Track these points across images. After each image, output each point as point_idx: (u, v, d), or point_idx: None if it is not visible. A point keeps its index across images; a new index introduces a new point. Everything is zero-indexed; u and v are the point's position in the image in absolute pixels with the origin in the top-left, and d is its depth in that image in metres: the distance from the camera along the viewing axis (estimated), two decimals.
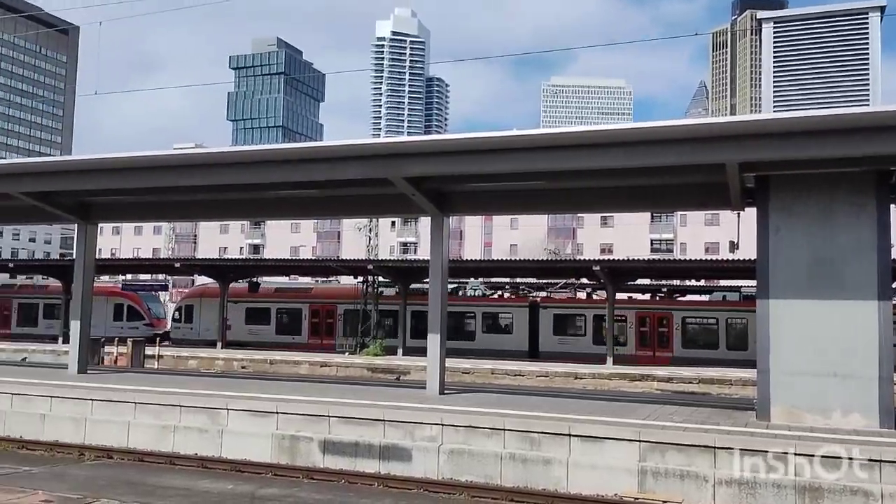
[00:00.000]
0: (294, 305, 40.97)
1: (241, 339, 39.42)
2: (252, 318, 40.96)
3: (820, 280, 12.85)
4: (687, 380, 27.01)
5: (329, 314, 40.28)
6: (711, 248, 70.14)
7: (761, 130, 11.89)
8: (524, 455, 11.73)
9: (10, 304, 45.78)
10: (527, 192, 16.10)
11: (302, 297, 41.67)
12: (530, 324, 36.70)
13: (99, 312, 40.85)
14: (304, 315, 40.55)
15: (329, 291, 43.10)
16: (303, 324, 40.35)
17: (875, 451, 10.10)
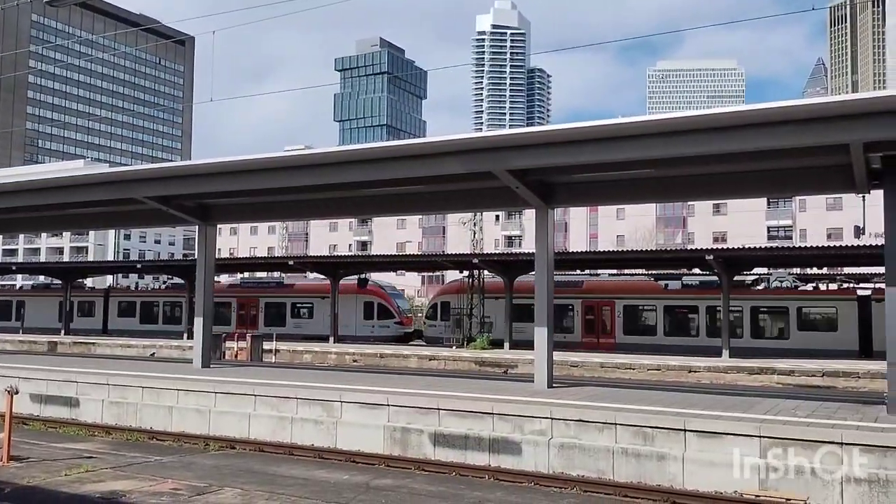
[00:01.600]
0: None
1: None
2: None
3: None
4: (810, 372, 25.71)
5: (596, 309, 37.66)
6: (834, 234, 66.43)
7: (886, 108, 11.10)
8: (637, 450, 11.49)
9: (257, 302, 45.73)
10: (633, 181, 15.72)
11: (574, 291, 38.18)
12: (860, 320, 31.94)
13: (348, 312, 42.26)
14: (576, 311, 37.76)
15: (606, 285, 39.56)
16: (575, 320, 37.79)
17: None
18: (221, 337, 28.15)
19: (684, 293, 35.65)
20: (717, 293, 31.77)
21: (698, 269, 35.51)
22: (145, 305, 49.40)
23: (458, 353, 33.10)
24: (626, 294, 37.04)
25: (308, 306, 44.06)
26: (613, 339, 36.46)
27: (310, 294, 44.21)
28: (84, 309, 50.65)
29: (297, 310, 44.43)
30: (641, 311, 36.84)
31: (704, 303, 34.62)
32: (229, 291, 46.09)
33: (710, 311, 34.34)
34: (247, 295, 45.72)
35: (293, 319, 44.06)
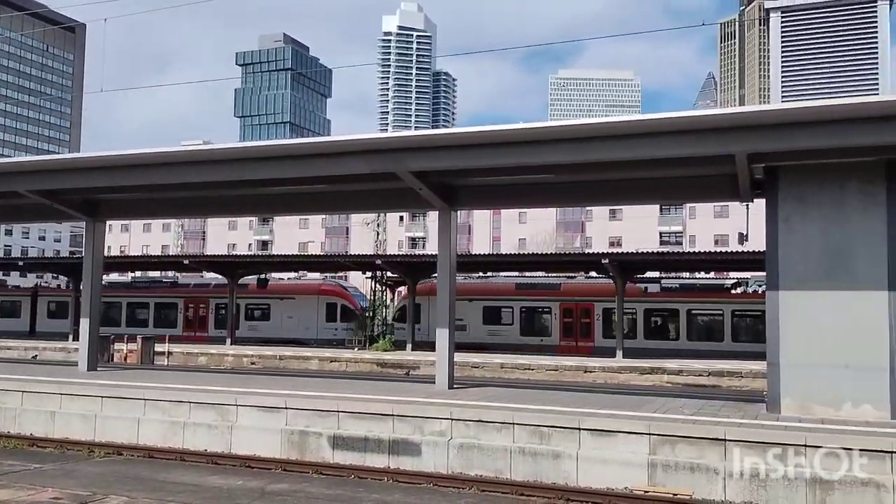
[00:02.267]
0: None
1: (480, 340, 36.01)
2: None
3: (830, 271, 12.74)
4: (697, 372, 26.92)
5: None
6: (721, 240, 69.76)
7: (769, 121, 11.80)
8: (534, 449, 11.71)
9: (207, 303, 43.20)
10: (534, 186, 16.03)
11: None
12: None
13: (307, 313, 39.96)
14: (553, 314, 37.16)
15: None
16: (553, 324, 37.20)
17: (886, 443, 10.02)
18: (110, 339, 26.88)
19: (664, 296, 36.07)
20: (700, 296, 33.09)
21: (594, 273, 36.61)
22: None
23: (360, 354, 32.87)
24: (605, 297, 35.96)
25: (264, 307, 41.85)
26: (593, 343, 36.03)
27: (267, 295, 41.74)
28: (6, 309, 47.13)
29: (251, 311, 42.10)
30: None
31: (685, 306, 35.09)
32: (174, 291, 43.36)
33: (689, 315, 34.97)
34: (195, 295, 42.92)
35: (248, 322, 41.69)
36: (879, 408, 12.26)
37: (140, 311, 43.66)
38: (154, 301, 43.65)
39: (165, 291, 44.41)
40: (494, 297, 38.06)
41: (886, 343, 12.36)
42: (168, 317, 42.98)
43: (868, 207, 12.64)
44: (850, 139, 11.52)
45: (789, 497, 10.10)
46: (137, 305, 43.89)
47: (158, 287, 45.25)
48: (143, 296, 44.11)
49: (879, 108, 11.17)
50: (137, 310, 43.69)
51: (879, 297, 12.47)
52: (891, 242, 12.55)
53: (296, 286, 42.94)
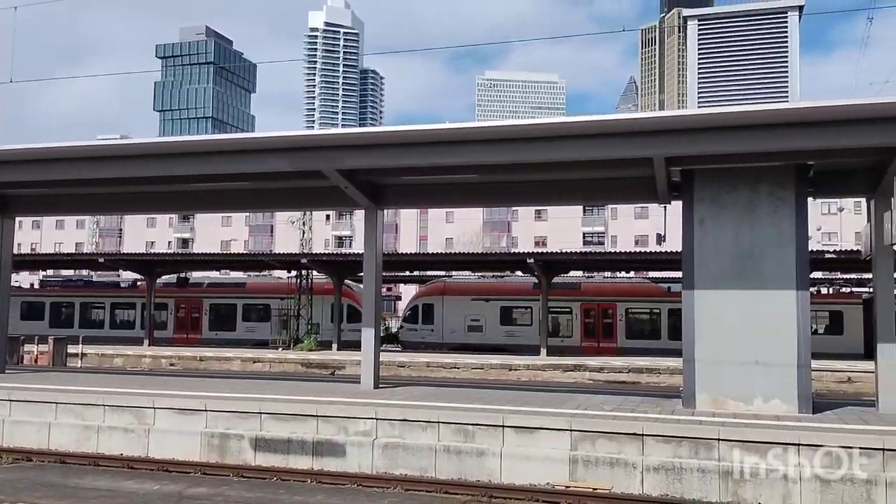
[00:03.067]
0: None
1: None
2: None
3: (742, 271, 13.26)
4: (618, 369, 27.60)
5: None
6: (641, 240, 71.86)
7: (683, 125, 12.20)
8: (459, 447, 11.77)
9: (201, 304, 41.49)
10: (462, 186, 16.12)
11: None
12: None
13: (314, 314, 38.21)
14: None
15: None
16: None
17: (794, 436, 10.49)
18: (19, 340, 25.69)
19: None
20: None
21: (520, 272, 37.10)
22: (55, 307, 42.97)
23: (284, 355, 32.39)
24: (628, 297, 36.05)
25: (261, 308, 40.18)
26: (615, 343, 35.69)
27: (266, 294, 40.18)
28: None
29: (250, 312, 40.33)
30: (645, 315, 36.16)
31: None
32: (165, 291, 41.04)
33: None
34: (187, 295, 40.94)
35: (245, 323, 40.15)
36: (788, 402, 12.83)
37: (94, 312, 42.19)
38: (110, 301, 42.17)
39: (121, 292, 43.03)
40: (512, 296, 37.29)
41: (794, 340, 12.93)
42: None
43: (777, 210, 13.20)
44: (760, 144, 12.02)
45: (703, 489, 10.46)
46: (93, 306, 42.42)
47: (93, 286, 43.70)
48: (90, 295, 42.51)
49: (787, 115, 11.69)
50: (93, 310, 42.19)
51: (788, 297, 13.04)
52: (798, 244, 13.15)
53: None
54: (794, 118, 11.62)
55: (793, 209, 13.16)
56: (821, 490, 10.07)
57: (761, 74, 13.12)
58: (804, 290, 13.08)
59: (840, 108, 11.27)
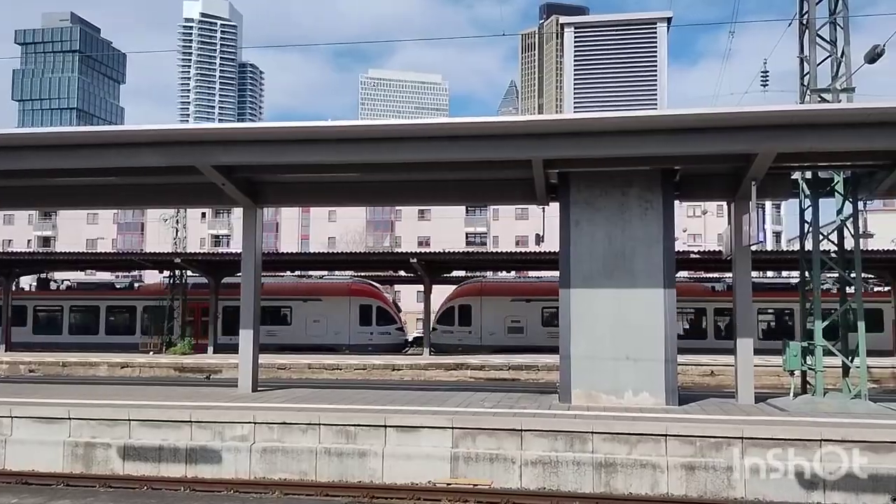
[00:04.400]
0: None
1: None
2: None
3: (615, 270, 13.84)
4: (498, 367, 28.13)
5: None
6: (521, 240, 73.64)
7: (560, 129, 12.58)
8: (340, 449, 11.64)
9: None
10: (344, 185, 15.95)
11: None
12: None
13: (338, 316, 35.16)
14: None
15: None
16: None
17: (661, 427, 11.03)
18: None
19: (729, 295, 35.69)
20: (770, 295, 32.32)
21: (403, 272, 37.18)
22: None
23: (156, 359, 30.99)
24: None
25: (284, 310, 36.98)
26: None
27: (287, 296, 36.95)
28: None
29: (266, 315, 37.50)
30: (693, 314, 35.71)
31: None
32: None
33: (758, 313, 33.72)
34: (192, 298, 37.20)
35: (266, 326, 37.26)
36: (656, 395, 13.50)
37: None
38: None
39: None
40: (555, 297, 36.79)
41: (662, 336, 13.62)
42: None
43: (647, 213, 13.87)
44: (631, 149, 12.56)
45: (577, 481, 10.83)
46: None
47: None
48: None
49: (655, 122, 12.27)
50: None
51: (656, 295, 13.72)
52: (666, 244, 13.86)
53: (323, 286, 38.57)
54: (662, 125, 12.21)
55: (661, 212, 13.87)
56: (686, 478, 10.64)
57: (633, 82, 13.73)
58: (671, 289, 13.79)
59: (703, 116, 11.96)
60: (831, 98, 14.15)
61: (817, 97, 14.24)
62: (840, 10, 14.17)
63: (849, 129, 11.72)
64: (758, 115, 11.91)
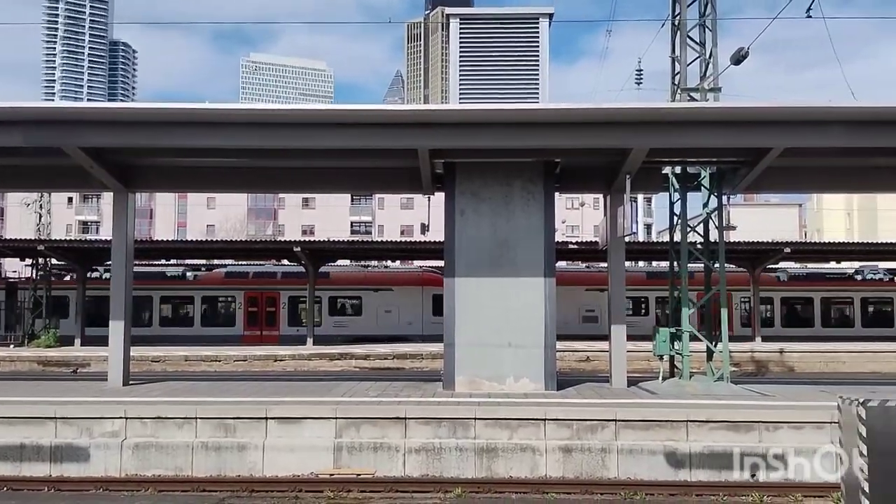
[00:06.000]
0: None
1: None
2: None
3: (498, 260, 14.12)
4: (383, 356, 28.13)
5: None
6: (407, 230, 73.80)
7: (445, 119, 12.69)
8: (218, 443, 11.29)
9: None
10: (224, 170, 15.43)
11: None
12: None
13: (410, 306, 33.44)
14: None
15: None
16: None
17: (540, 412, 11.36)
18: None
19: (798, 285, 37.34)
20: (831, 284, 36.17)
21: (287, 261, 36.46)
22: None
23: (17, 352, 29.02)
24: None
25: (355, 300, 35.58)
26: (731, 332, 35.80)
27: (357, 286, 35.43)
28: None
29: (337, 305, 35.33)
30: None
31: (818, 294, 36.70)
32: (228, 283, 35.69)
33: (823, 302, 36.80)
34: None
35: (333, 317, 35.04)
36: (536, 380, 13.89)
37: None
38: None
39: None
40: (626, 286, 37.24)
41: (542, 323, 14.02)
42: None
43: (529, 204, 14.21)
44: (514, 141, 12.82)
45: (460, 466, 10.99)
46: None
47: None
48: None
49: (538, 115, 12.61)
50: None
51: (537, 284, 14.10)
52: (547, 235, 14.26)
53: (393, 275, 36.93)
54: (545, 118, 12.54)
55: (542, 203, 14.25)
56: (563, 460, 11.01)
57: (516, 75, 14.01)
58: (551, 278, 14.21)
59: (584, 111, 12.36)
60: (700, 97, 14.95)
61: (687, 96, 15.01)
62: (709, 13, 14.98)
63: (714, 126, 12.44)
64: (632, 111, 12.44)
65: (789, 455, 10.76)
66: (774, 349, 28.63)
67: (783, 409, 11.67)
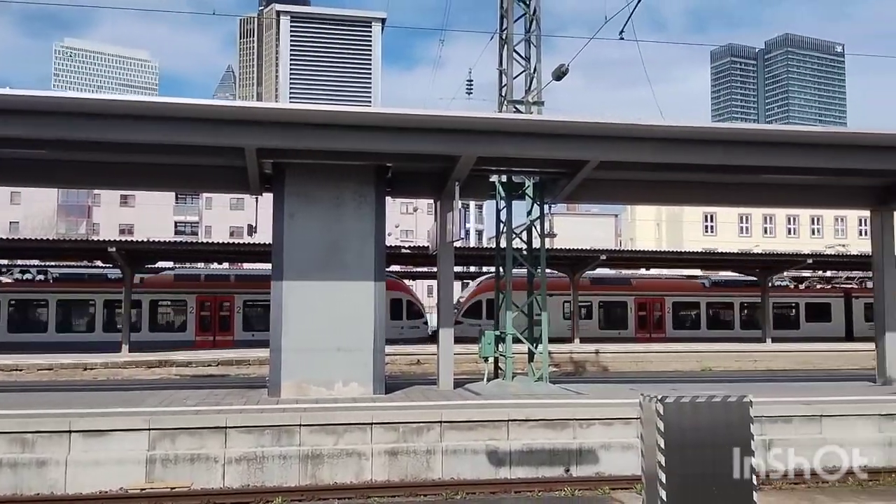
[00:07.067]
0: None
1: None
2: None
3: (329, 263, 13.96)
4: (206, 363, 26.94)
5: None
6: (237, 231, 71.27)
7: (275, 118, 12.35)
8: (14, 459, 10.30)
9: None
10: (30, 162, 14.14)
11: None
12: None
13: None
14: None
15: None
16: None
17: (367, 416, 11.33)
18: None
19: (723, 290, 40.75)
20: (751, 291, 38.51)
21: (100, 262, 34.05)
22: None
23: None
24: (676, 291, 40.65)
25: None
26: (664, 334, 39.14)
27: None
28: None
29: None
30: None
31: (739, 299, 40.42)
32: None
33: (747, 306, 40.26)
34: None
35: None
36: (364, 384, 13.85)
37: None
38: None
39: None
40: (569, 292, 38.58)
41: (372, 327, 14.02)
42: None
43: (361, 207, 14.18)
44: (345, 143, 12.72)
45: (283, 475, 10.71)
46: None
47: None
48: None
49: (370, 119, 12.56)
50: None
51: (367, 288, 14.08)
52: (378, 239, 14.29)
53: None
54: (376, 122, 12.54)
55: (373, 207, 14.26)
56: (389, 463, 11.05)
57: (348, 78, 13.93)
58: (381, 282, 14.26)
59: (415, 117, 12.51)
60: (525, 109, 15.61)
61: (513, 108, 15.63)
62: (534, 30, 15.69)
63: (537, 138, 13.03)
64: (462, 120, 12.74)
65: (600, 450, 11.46)
66: (591, 350, 30.43)
67: (595, 406, 12.39)
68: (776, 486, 10.72)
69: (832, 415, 12.36)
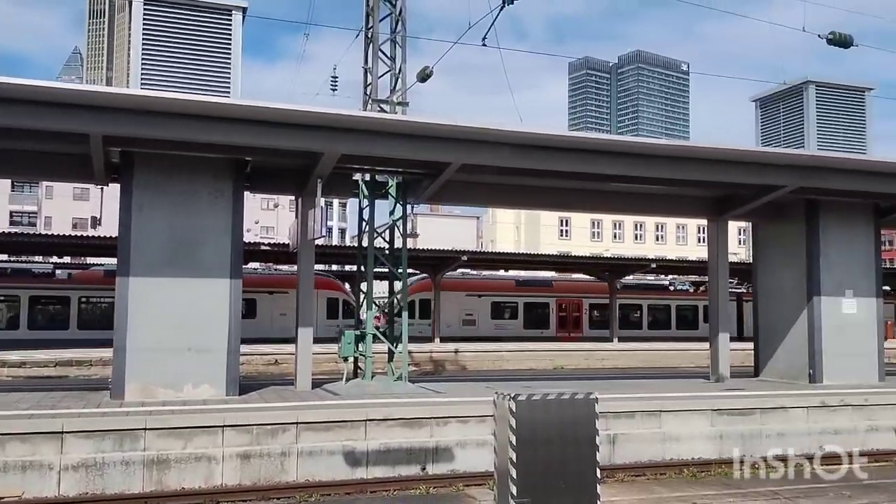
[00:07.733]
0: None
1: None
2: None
3: (181, 259, 13.35)
4: (43, 363, 25.09)
5: None
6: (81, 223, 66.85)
7: (123, 104, 11.61)
8: None
9: None
10: None
11: None
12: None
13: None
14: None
15: None
16: None
17: (219, 419, 10.93)
18: None
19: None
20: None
21: None
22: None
23: None
24: (593, 293, 42.47)
25: (250, 304, 30.48)
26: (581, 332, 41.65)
27: (251, 289, 28.68)
28: None
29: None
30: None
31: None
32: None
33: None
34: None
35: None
36: (216, 386, 13.34)
37: None
38: None
39: None
40: (500, 292, 41.55)
41: (226, 326, 13.53)
42: None
43: (217, 201, 13.65)
44: (200, 134, 12.15)
45: (126, 481, 10.12)
46: None
47: None
48: None
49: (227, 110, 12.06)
50: None
51: (222, 285, 13.58)
52: (234, 234, 13.80)
53: (290, 279, 26.68)
54: (233, 114, 12.08)
55: (230, 202, 13.77)
56: (241, 467, 10.71)
57: (206, 68, 13.36)
58: (237, 279, 13.79)
59: (274, 110, 12.15)
60: (389, 109, 15.62)
61: (377, 107, 15.60)
62: (399, 30, 15.73)
63: (401, 138, 13.06)
64: (324, 116, 12.56)
65: (455, 448, 11.65)
66: (450, 349, 30.92)
67: (452, 405, 12.58)
68: (619, 479, 11.31)
69: (670, 410, 13.19)
